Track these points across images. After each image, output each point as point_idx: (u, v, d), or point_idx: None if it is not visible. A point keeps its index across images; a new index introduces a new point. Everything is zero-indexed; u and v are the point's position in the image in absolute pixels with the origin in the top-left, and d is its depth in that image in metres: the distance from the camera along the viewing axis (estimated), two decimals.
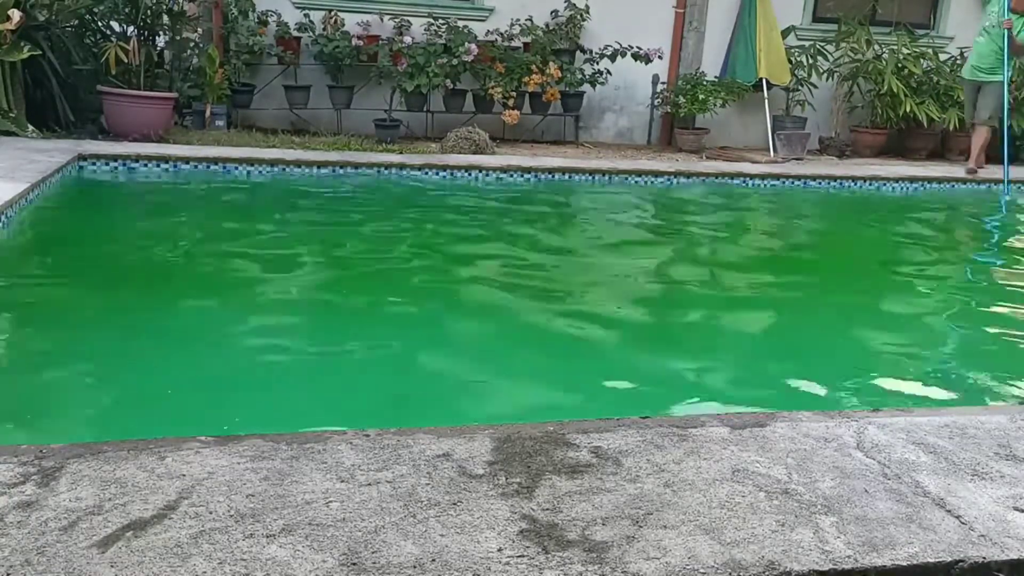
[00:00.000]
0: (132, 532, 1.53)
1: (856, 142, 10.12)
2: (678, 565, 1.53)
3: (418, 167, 7.41)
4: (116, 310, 3.74)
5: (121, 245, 4.98)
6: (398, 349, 3.51)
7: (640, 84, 9.81)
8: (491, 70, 8.93)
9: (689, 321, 4.24)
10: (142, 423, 2.64)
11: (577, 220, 6.83)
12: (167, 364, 3.15)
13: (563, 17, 9.36)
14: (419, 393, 3.06)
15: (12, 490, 1.66)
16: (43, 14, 7.59)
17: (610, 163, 8.26)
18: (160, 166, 6.86)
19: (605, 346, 3.71)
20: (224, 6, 8.43)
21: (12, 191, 4.93)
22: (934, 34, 10.61)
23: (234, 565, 1.46)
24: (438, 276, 4.76)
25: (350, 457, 1.86)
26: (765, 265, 5.61)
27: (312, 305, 4.11)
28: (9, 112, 7.06)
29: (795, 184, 8.32)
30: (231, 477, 1.74)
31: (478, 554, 1.53)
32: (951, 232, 7.34)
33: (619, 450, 1.96)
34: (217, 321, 3.72)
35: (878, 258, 5.93)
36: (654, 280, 5.02)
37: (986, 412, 2.51)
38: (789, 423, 2.18)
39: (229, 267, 4.68)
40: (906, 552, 1.62)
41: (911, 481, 1.90)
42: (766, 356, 3.77)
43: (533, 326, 3.90)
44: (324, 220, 5.95)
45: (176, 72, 8.36)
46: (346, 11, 8.93)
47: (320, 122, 8.90)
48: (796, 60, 9.87)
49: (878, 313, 4.52)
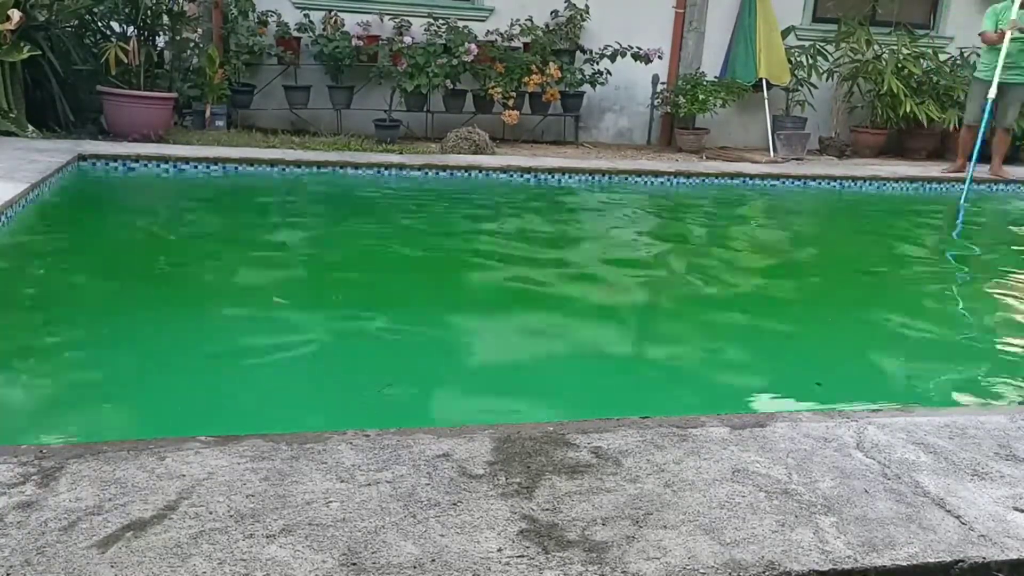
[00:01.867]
0: (132, 532, 1.53)
1: (856, 142, 10.12)
2: (678, 565, 1.53)
3: (418, 167, 7.41)
4: (116, 310, 3.74)
5: (121, 245, 4.98)
6: (398, 349, 3.51)
7: (640, 84, 9.81)
8: (491, 70, 8.93)
9: (689, 321, 4.24)
10: (142, 423, 2.64)
11: (577, 220, 6.82)
12: (167, 364, 3.15)
13: (563, 17, 9.36)
14: (419, 393, 3.06)
15: (12, 490, 1.66)
16: (43, 14, 7.58)
17: (610, 163, 8.26)
18: (160, 166, 6.86)
19: (605, 346, 3.71)
20: (224, 6, 8.43)
21: (12, 191, 4.93)
22: (934, 34, 10.62)
23: (234, 565, 1.46)
24: (437, 275, 4.76)
25: (350, 457, 1.86)
26: (765, 265, 5.61)
27: (311, 305, 4.10)
28: (9, 112, 7.06)
29: (795, 184, 8.32)
30: (231, 477, 1.74)
31: (478, 554, 1.53)
32: (948, 231, 7.34)
33: (619, 450, 1.96)
34: (217, 321, 3.72)
35: (878, 258, 5.93)
36: (653, 280, 5.02)
37: (986, 412, 2.51)
38: (789, 423, 2.19)
39: (229, 267, 4.68)
40: (906, 552, 1.62)
41: (911, 481, 1.90)
42: (766, 356, 3.77)
43: (533, 326, 3.90)
44: (324, 220, 5.95)
45: (176, 72, 8.36)
46: (346, 11, 8.93)
47: (320, 122, 8.90)
48: (796, 60, 9.87)
49: (878, 313, 4.52)
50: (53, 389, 2.91)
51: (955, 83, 9.84)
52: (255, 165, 7.07)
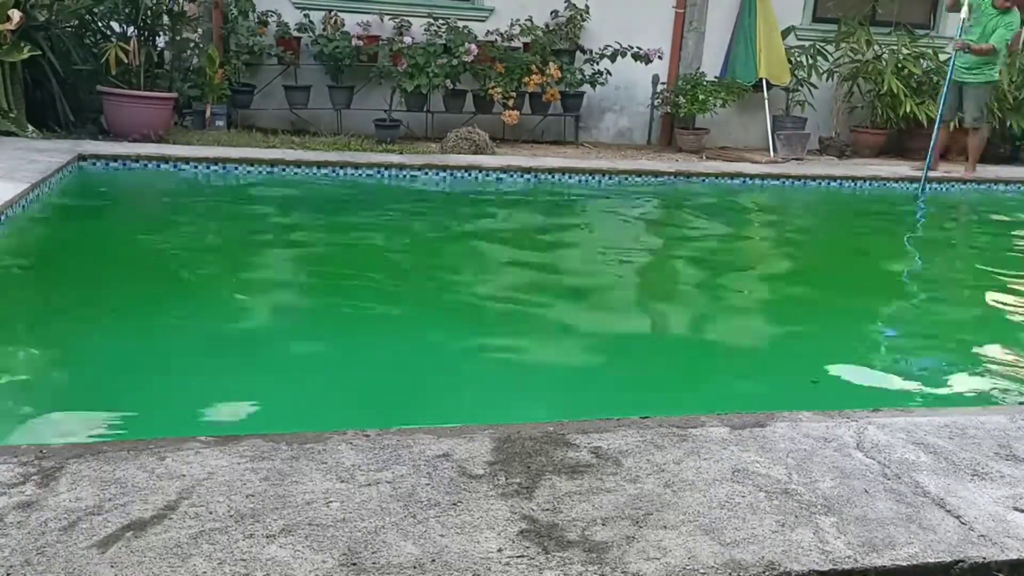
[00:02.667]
0: (132, 532, 1.53)
1: (856, 142, 10.12)
2: (678, 565, 1.53)
3: (418, 167, 7.41)
4: (116, 310, 3.74)
5: (120, 245, 4.98)
6: (397, 348, 3.51)
7: (640, 84, 9.80)
8: (491, 70, 8.92)
9: (689, 321, 4.24)
10: (142, 423, 2.64)
11: (577, 220, 6.82)
12: (167, 364, 3.15)
13: (563, 17, 9.35)
14: (419, 392, 3.06)
15: (12, 490, 1.66)
16: (43, 14, 7.58)
17: (610, 163, 8.25)
18: (160, 166, 6.86)
19: (604, 345, 3.71)
20: (224, 6, 8.43)
21: (12, 191, 4.93)
22: (934, 34, 10.61)
23: (234, 565, 1.46)
24: (436, 275, 4.76)
25: (350, 457, 1.86)
26: (764, 265, 5.61)
27: (310, 304, 4.11)
28: (9, 112, 7.05)
29: (795, 184, 8.31)
30: (231, 477, 1.74)
31: (478, 554, 1.53)
32: (950, 232, 7.34)
33: (619, 450, 1.96)
34: (217, 321, 3.72)
35: (877, 257, 5.93)
36: (653, 280, 5.02)
37: (986, 412, 2.51)
38: (789, 423, 2.18)
39: (228, 267, 4.68)
40: (906, 552, 1.62)
41: (911, 481, 1.90)
42: (766, 356, 3.77)
43: (532, 325, 3.90)
44: (324, 220, 5.95)
45: (176, 72, 8.35)
46: (346, 11, 8.92)
47: (320, 122, 8.90)
48: (796, 60, 9.86)
49: (877, 313, 4.52)
50: (53, 389, 2.91)
51: None
52: (255, 165, 7.06)
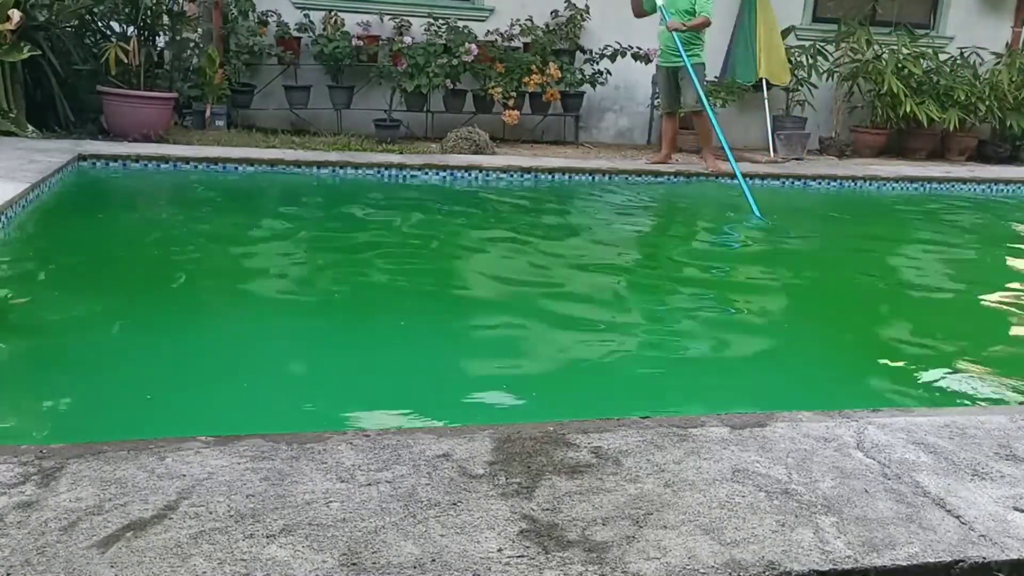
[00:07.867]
0: (132, 532, 1.53)
1: (856, 142, 10.12)
2: (678, 565, 1.53)
3: (418, 167, 7.41)
4: (116, 310, 3.74)
5: (121, 246, 4.98)
6: (396, 348, 3.51)
7: (640, 84, 9.80)
8: (491, 70, 8.93)
9: (689, 320, 4.24)
10: (142, 423, 2.64)
11: (576, 220, 6.82)
12: (166, 365, 3.15)
13: (563, 17, 9.36)
14: (419, 392, 3.06)
15: (12, 490, 1.66)
16: (43, 14, 7.58)
17: (610, 163, 8.25)
18: (160, 166, 6.86)
19: (604, 345, 3.71)
20: (224, 6, 8.43)
21: (12, 191, 4.93)
22: (934, 34, 10.61)
23: (234, 565, 1.46)
24: (438, 275, 4.76)
25: (350, 457, 1.86)
26: (764, 265, 5.60)
27: (310, 303, 4.11)
28: (9, 112, 7.06)
29: (795, 184, 8.31)
30: (231, 477, 1.74)
31: (478, 554, 1.53)
32: (949, 231, 7.34)
33: (619, 450, 1.96)
34: (216, 321, 3.72)
35: (877, 257, 5.93)
36: (653, 280, 5.02)
37: (986, 412, 2.51)
38: (789, 423, 2.18)
39: (228, 267, 4.68)
40: (906, 552, 1.62)
41: (911, 481, 1.90)
42: (766, 355, 3.77)
43: (531, 326, 3.90)
44: (324, 220, 5.95)
45: (176, 72, 8.36)
46: (346, 11, 8.92)
47: (320, 122, 8.90)
48: (796, 60, 9.86)
49: (877, 312, 4.52)
50: (53, 389, 2.91)
51: (955, 83, 9.84)
52: (255, 165, 7.07)
